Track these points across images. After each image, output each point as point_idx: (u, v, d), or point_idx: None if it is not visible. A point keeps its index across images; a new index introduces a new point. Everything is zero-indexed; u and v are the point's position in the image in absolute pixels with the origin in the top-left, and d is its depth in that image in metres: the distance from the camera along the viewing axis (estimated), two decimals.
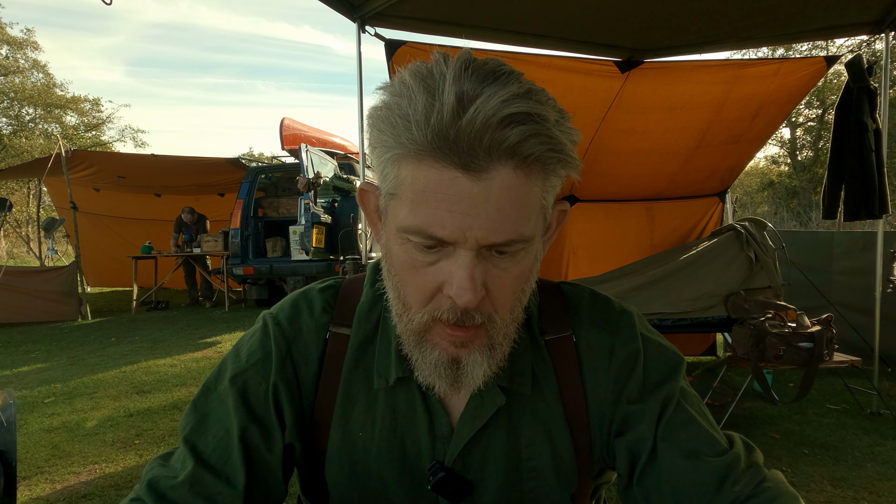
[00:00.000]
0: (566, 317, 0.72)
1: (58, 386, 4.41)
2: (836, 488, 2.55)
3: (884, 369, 3.88)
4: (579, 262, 4.28)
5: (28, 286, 7.42)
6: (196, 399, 0.68)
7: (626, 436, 0.67)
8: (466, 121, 0.49)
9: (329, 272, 7.65)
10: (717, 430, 0.66)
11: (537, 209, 0.56)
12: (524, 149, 0.51)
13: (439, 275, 0.55)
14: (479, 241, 0.52)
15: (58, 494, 2.63)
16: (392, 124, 0.52)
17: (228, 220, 8.25)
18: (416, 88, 0.51)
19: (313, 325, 0.71)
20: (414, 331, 0.60)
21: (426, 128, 0.50)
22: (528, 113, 0.50)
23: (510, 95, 0.50)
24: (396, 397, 0.68)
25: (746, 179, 22.74)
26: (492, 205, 0.51)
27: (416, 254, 0.56)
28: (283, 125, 8.59)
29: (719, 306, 3.42)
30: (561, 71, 3.21)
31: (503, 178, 0.51)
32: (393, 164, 0.54)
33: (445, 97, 0.49)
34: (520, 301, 0.61)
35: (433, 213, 0.52)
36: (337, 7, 2.76)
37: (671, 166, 3.95)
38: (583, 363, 0.70)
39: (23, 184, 21.11)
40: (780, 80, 3.39)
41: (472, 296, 0.53)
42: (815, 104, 19.65)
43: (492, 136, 0.49)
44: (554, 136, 0.52)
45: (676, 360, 0.71)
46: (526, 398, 0.68)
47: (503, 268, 0.56)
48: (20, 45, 21.53)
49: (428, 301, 0.57)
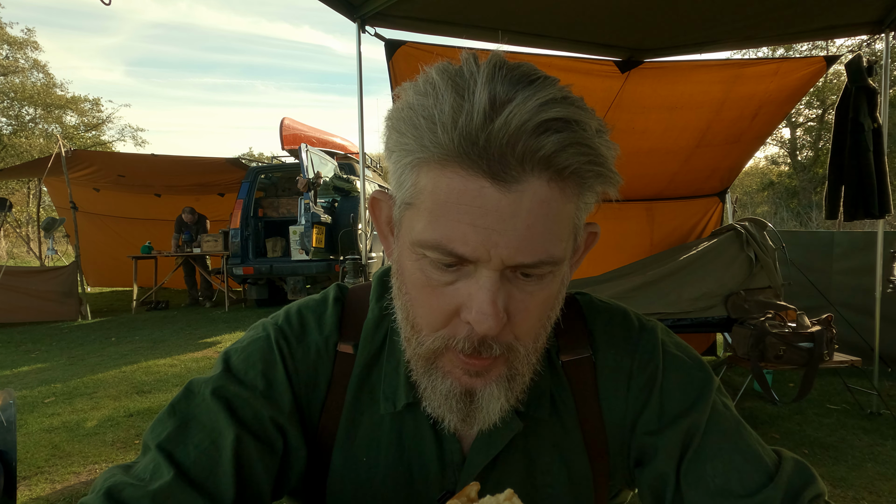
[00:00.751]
0: (584, 336, 0.66)
1: (58, 386, 4.41)
2: (836, 488, 2.55)
3: (884, 369, 3.88)
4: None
5: (28, 286, 7.42)
6: (175, 402, 0.60)
7: (645, 469, 0.62)
8: (499, 125, 0.44)
9: (329, 272, 7.65)
10: (755, 458, 0.59)
11: (569, 228, 0.51)
12: (561, 159, 0.46)
13: (457, 297, 0.50)
14: (504, 260, 0.47)
15: (58, 494, 2.63)
16: (414, 125, 0.47)
17: (228, 220, 8.25)
18: (444, 87, 0.46)
19: (323, 344, 0.65)
20: (423, 356, 0.54)
21: (453, 130, 0.45)
22: (568, 120, 0.45)
23: (548, 100, 0.45)
24: (403, 421, 0.63)
25: (746, 179, 22.75)
26: (521, 220, 0.46)
27: (432, 272, 0.50)
28: (283, 125, 8.59)
29: (719, 306, 3.42)
30: (561, 71, 3.21)
31: (536, 191, 0.46)
32: (412, 171, 0.49)
33: (476, 98, 0.44)
34: (544, 329, 0.56)
35: (455, 227, 0.47)
36: (337, 7, 2.76)
37: (671, 166, 3.95)
38: (600, 387, 0.65)
39: (23, 184, 21.12)
40: (779, 79, 3.39)
41: (494, 322, 0.48)
42: (815, 104, 19.65)
43: (526, 143, 0.44)
44: (594, 146, 0.47)
45: (704, 380, 0.64)
46: (543, 423, 0.63)
47: (528, 292, 0.50)
48: (20, 45, 21.53)
49: (442, 326, 0.52)
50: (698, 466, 0.59)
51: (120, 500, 0.52)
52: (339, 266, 6.62)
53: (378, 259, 8.18)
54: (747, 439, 0.60)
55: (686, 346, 0.68)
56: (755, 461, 0.58)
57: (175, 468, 0.54)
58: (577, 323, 0.67)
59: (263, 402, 0.60)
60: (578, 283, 3.68)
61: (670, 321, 3.38)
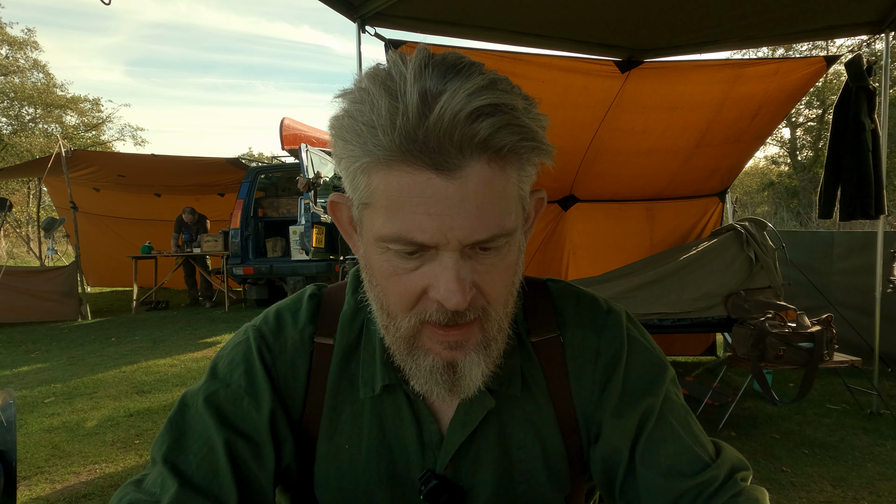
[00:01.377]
0: (552, 317, 0.70)
1: (58, 386, 4.41)
2: (836, 488, 2.55)
3: (884, 369, 3.88)
4: (579, 262, 4.29)
5: (28, 286, 7.42)
6: (172, 416, 0.64)
7: (599, 444, 0.66)
8: (434, 119, 0.47)
9: (329, 272, 7.65)
10: (700, 444, 0.64)
11: (516, 200, 0.55)
12: (496, 141, 0.49)
13: (423, 279, 0.54)
14: (461, 241, 0.51)
15: (58, 494, 2.63)
16: (357, 133, 0.50)
17: (228, 220, 8.24)
18: (377, 92, 0.49)
19: (298, 336, 0.68)
20: (403, 338, 0.58)
21: (393, 132, 0.48)
22: (496, 104, 0.49)
23: (475, 88, 0.48)
24: (383, 406, 0.66)
25: (746, 179, 22.74)
26: (470, 202, 0.50)
27: (398, 261, 0.54)
28: (282, 125, 8.59)
29: (719, 306, 3.42)
30: (561, 71, 3.21)
31: (478, 174, 0.50)
32: (363, 174, 0.52)
33: (409, 97, 0.48)
34: (512, 294, 0.60)
35: (410, 219, 0.50)
36: (337, 7, 2.76)
37: (671, 166, 3.95)
38: (569, 365, 0.68)
39: (23, 184, 21.12)
40: (779, 79, 3.39)
41: (462, 297, 0.52)
42: (815, 104, 19.65)
43: (462, 131, 0.48)
44: (525, 124, 0.51)
45: (661, 369, 0.68)
46: (516, 401, 0.67)
47: (489, 264, 0.54)
48: (20, 45, 21.53)
49: (413, 305, 0.55)
50: (653, 449, 0.63)
51: None
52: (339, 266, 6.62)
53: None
54: (694, 428, 0.65)
55: (647, 334, 0.73)
56: (701, 447, 0.64)
57: (179, 478, 0.58)
58: (546, 305, 0.71)
59: (249, 401, 0.64)
60: (579, 283, 3.67)
61: (670, 321, 3.38)
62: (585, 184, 4.06)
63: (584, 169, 3.92)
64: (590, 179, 4.00)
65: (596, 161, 3.84)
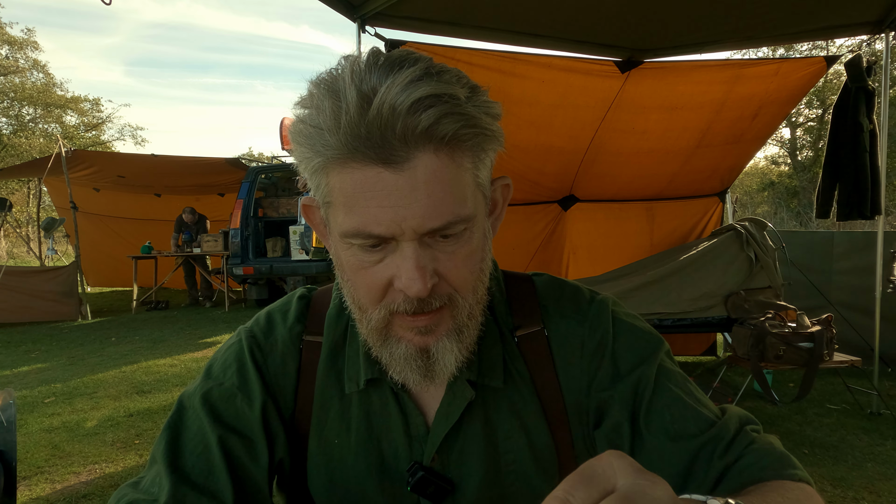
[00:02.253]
0: (537, 310, 0.71)
1: (58, 386, 4.41)
2: (836, 488, 2.55)
3: (884, 369, 3.88)
4: (579, 262, 4.29)
5: (28, 286, 7.42)
6: (170, 418, 0.65)
7: (602, 426, 0.66)
8: (373, 114, 0.48)
9: (329, 272, 7.65)
10: (705, 406, 0.64)
11: (472, 187, 0.56)
12: (438, 130, 0.50)
13: (387, 271, 0.55)
14: (416, 230, 0.52)
15: (58, 494, 2.63)
16: (308, 136, 0.52)
17: (228, 220, 8.24)
18: (322, 95, 0.51)
19: (287, 335, 0.70)
20: (375, 329, 0.59)
21: (338, 132, 0.50)
22: (435, 94, 0.50)
23: (411, 79, 0.49)
24: (370, 400, 0.67)
25: (746, 179, 22.74)
26: (421, 192, 0.51)
27: (362, 255, 0.56)
28: (283, 125, 8.58)
29: (719, 306, 3.42)
30: (561, 71, 3.21)
31: (426, 164, 0.51)
32: (321, 175, 0.54)
33: (348, 96, 0.49)
34: (480, 281, 0.60)
35: (366, 213, 0.52)
36: (337, 7, 2.76)
37: (671, 166, 3.95)
38: (555, 357, 0.69)
39: (23, 184, 21.12)
40: (780, 80, 3.39)
41: (422, 285, 0.53)
42: (815, 104, 19.65)
43: (403, 123, 0.49)
44: (466, 112, 0.51)
45: (652, 342, 0.68)
46: (500, 392, 0.67)
47: (450, 251, 0.56)
48: (20, 45, 21.54)
49: (381, 297, 0.57)
50: (656, 416, 0.63)
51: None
52: None
53: None
54: (695, 392, 0.66)
55: (637, 317, 0.72)
56: (705, 407, 0.64)
57: (176, 476, 0.59)
58: (531, 299, 0.72)
59: (242, 398, 0.65)
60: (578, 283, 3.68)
61: (670, 321, 3.38)
62: (585, 184, 4.06)
63: (584, 169, 3.92)
64: (590, 179, 4.00)
65: (596, 161, 3.84)
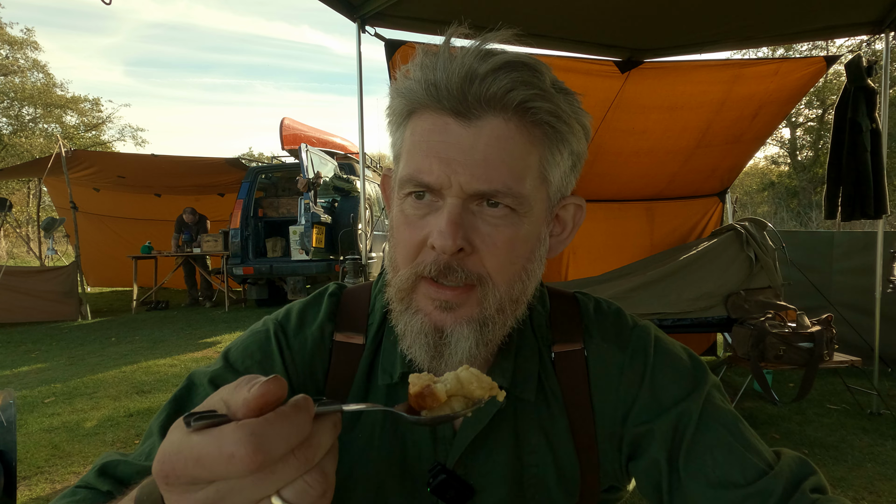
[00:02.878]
0: (579, 329, 0.69)
1: (58, 386, 4.41)
2: (836, 488, 2.55)
3: (884, 369, 3.88)
4: (579, 262, 4.28)
5: (28, 286, 7.41)
6: (177, 392, 0.64)
7: (639, 460, 0.64)
8: (457, 66, 0.52)
9: (329, 272, 7.65)
10: (756, 451, 0.59)
11: (535, 173, 0.56)
12: (510, 96, 0.52)
13: (426, 227, 0.55)
14: (463, 186, 0.52)
15: (58, 494, 2.63)
16: (400, 89, 0.56)
17: (228, 220, 8.24)
18: (422, 54, 0.56)
19: (318, 333, 0.69)
20: (401, 290, 0.58)
21: (423, 80, 0.54)
22: (521, 62, 0.52)
23: (501, 50, 0.53)
24: (398, 397, 0.66)
25: (746, 179, 22.73)
26: (479, 152, 0.52)
27: (409, 209, 0.56)
28: (283, 125, 8.59)
29: (719, 306, 3.42)
30: (561, 71, 3.19)
31: (493, 127, 0.52)
32: (403, 127, 0.57)
33: (441, 51, 0.54)
34: (520, 279, 0.59)
35: (423, 160, 0.54)
36: (337, 7, 2.76)
37: (671, 166, 3.95)
38: (592, 379, 0.67)
39: (23, 184, 21.11)
40: (779, 79, 3.39)
41: (451, 241, 0.52)
42: (815, 104, 19.65)
43: (481, 82, 0.51)
44: (543, 89, 0.53)
45: (697, 375, 0.65)
46: (531, 405, 0.66)
47: (493, 224, 0.55)
48: (20, 44, 21.53)
49: (413, 257, 0.57)
50: (698, 458, 0.59)
51: (112, 476, 0.55)
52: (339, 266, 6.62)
53: (378, 259, 8.18)
54: (746, 434, 0.61)
55: (681, 345, 0.70)
56: (755, 453, 0.59)
57: None
58: (573, 317, 0.71)
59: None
60: (579, 283, 3.67)
61: (670, 321, 3.38)
62: (585, 184, 4.06)
63: (585, 169, 3.83)
64: (590, 179, 4.00)
65: (596, 161, 3.84)
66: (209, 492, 0.31)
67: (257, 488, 0.31)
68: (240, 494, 0.31)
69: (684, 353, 0.68)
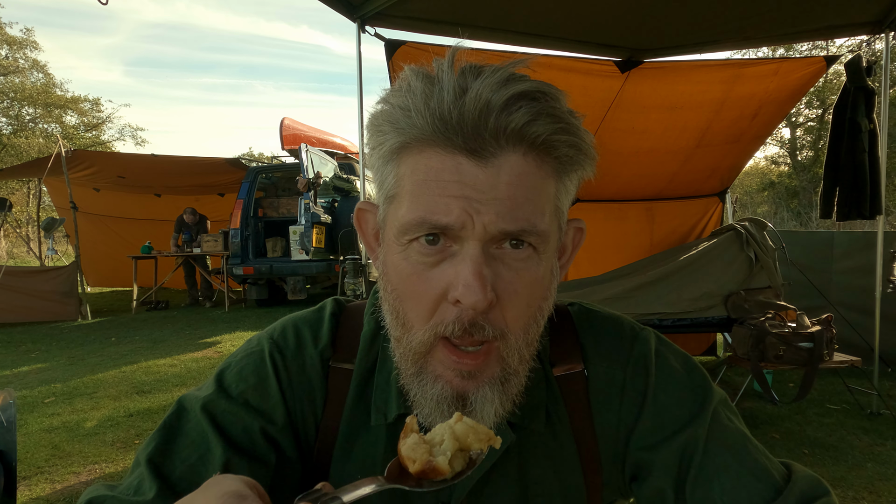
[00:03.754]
0: (577, 348, 0.66)
1: (58, 386, 4.41)
2: (836, 488, 2.54)
3: (884, 369, 3.88)
4: (579, 262, 4.28)
5: (28, 286, 7.41)
6: (167, 418, 0.59)
7: (642, 484, 0.61)
8: (470, 100, 0.45)
9: (329, 272, 7.65)
10: (763, 472, 0.57)
11: (551, 206, 0.52)
12: (533, 129, 0.47)
13: (444, 277, 0.49)
14: (487, 226, 0.47)
15: (58, 494, 2.63)
16: (389, 116, 0.49)
17: (228, 220, 8.25)
18: (415, 80, 0.48)
19: (318, 358, 0.64)
20: (414, 353, 0.52)
21: (426, 111, 0.46)
22: (539, 91, 0.47)
23: (515, 76, 0.47)
24: (397, 434, 0.62)
25: (746, 179, 22.74)
26: (501, 191, 0.47)
27: (417, 257, 0.50)
28: (283, 125, 8.59)
29: (719, 306, 3.42)
30: (561, 71, 3.21)
31: (513, 165, 0.47)
32: (393, 163, 0.51)
33: (446, 81, 0.47)
34: (535, 320, 0.54)
35: (436, 201, 0.47)
36: (337, 7, 2.76)
37: (671, 166, 3.95)
38: (592, 400, 0.64)
39: (23, 184, 21.11)
40: (779, 79, 3.39)
41: (481, 294, 0.47)
42: (815, 104, 19.65)
43: (498, 117, 0.46)
44: (564, 117, 0.49)
45: (701, 395, 0.62)
46: (537, 436, 0.62)
47: (516, 269, 0.50)
48: (20, 44, 21.53)
49: (431, 314, 0.50)
50: (704, 485, 0.57)
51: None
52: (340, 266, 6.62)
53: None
54: (754, 454, 0.59)
55: (684, 355, 0.67)
56: (764, 476, 0.57)
57: (161, 482, 0.53)
58: (569, 335, 0.67)
59: (255, 415, 0.59)
60: (579, 283, 3.67)
61: (670, 321, 3.38)
62: (585, 184, 4.04)
63: None
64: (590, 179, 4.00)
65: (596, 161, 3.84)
66: None
67: None
68: None
69: (687, 368, 0.65)
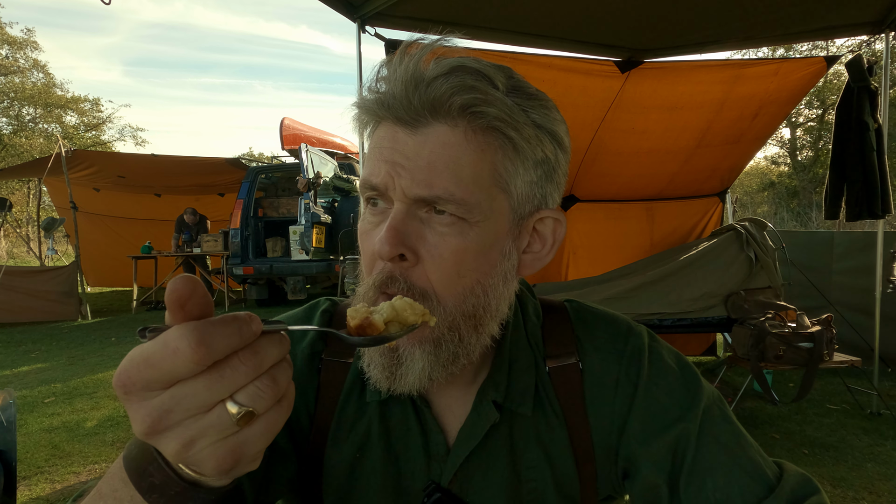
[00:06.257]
0: (572, 341, 0.68)
1: (58, 386, 4.41)
2: (836, 488, 2.55)
3: (884, 369, 3.88)
4: (579, 262, 4.29)
5: (28, 286, 7.42)
6: None
7: (634, 480, 0.63)
8: (407, 76, 0.52)
9: (329, 272, 7.65)
10: (755, 469, 0.58)
11: (486, 180, 0.53)
12: (452, 100, 0.51)
13: (377, 235, 0.54)
14: (405, 190, 0.52)
15: (58, 494, 2.63)
16: (361, 101, 0.57)
17: (228, 220, 8.25)
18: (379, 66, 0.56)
19: (308, 352, 0.67)
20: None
21: (377, 93, 0.54)
22: (470, 66, 0.52)
23: (446, 57, 0.52)
24: (390, 414, 0.65)
25: (746, 179, 22.74)
26: (423, 158, 0.52)
27: (368, 217, 0.57)
28: (283, 125, 8.60)
29: (719, 306, 3.42)
30: (561, 71, 3.21)
31: (439, 134, 0.52)
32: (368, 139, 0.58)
33: (393, 63, 0.53)
34: (474, 293, 0.55)
35: (374, 165, 0.55)
36: (337, 7, 2.76)
37: (671, 166, 3.95)
38: (587, 392, 0.65)
39: (23, 184, 21.12)
40: (780, 80, 3.39)
41: (388, 246, 0.51)
42: (815, 104, 19.64)
43: (424, 90, 0.51)
44: (490, 94, 0.52)
45: (693, 391, 0.63)
46: (528, 420, 0.64)
47: (440, 233, 0.53)
48: (20, 44, 21.53)
49: (371, 269, 0.56)
50: (697, 481, 0.58)
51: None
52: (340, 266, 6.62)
53: None
54: (747, 451, 0.60)
55: (676, 353, 0.68)
56: (756, 474, 0.58)
57: None
58: (565, 329, 0.69)
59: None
60: (579, 283, 3.68)
61: (670, 321, 3.38)
62: (585, 184, 4.06)
63: (584, 169, 3.92)
64: (590, 179, 4.00)
65: (596, 161, 3.84)
66: (164, 398, 0.33)
67: (209, 392, 0.33)
68: (194, 398, 0.33)
69: (680, 364, 0.67)
